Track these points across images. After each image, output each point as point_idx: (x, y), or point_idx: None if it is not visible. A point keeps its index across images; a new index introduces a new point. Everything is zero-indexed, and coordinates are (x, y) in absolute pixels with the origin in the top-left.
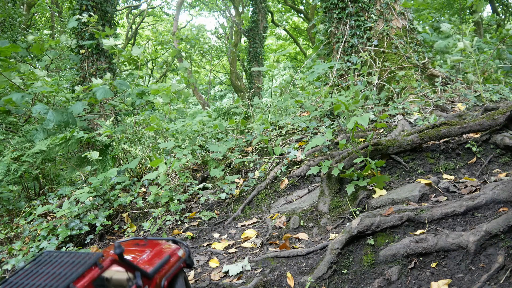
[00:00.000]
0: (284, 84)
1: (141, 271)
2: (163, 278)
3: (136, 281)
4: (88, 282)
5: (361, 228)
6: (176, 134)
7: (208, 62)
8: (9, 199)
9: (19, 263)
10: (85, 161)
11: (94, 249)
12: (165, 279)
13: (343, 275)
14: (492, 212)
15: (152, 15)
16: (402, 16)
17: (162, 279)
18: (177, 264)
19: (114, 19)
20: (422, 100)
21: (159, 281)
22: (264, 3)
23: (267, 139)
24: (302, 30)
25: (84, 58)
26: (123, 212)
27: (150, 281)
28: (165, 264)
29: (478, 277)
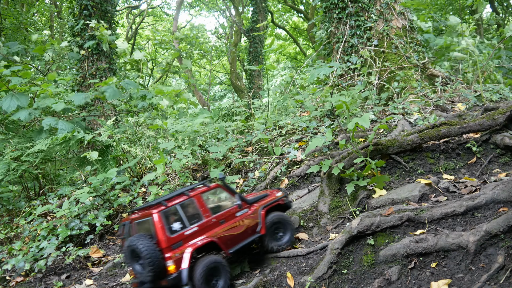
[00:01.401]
0: (284, 84)
1: (239, 194)
2: (261, 207)
3: (236, 202)
4: (197, 193)
5: (361, 228)
6: (176, 134)
7: (208, 62)
8: (9, 199)
9: (19, 263)
10: (85, 161)
11: (94, 249)
12: (262, 208)
13: (343, 275)
14: (492, 212)
15: (152, 15)
16: (402, 16)
17: (260, 207)
18: (273, 200)
19: (114, 19)
20: (422, 100)
21: (257, 208)
22: (264, 3)
23: (267, 139)
24: (302, 30)
25: (84, 58)
26: (123, 212)
27: (250, 206)
28: (263, 198)
29: (478, 277)
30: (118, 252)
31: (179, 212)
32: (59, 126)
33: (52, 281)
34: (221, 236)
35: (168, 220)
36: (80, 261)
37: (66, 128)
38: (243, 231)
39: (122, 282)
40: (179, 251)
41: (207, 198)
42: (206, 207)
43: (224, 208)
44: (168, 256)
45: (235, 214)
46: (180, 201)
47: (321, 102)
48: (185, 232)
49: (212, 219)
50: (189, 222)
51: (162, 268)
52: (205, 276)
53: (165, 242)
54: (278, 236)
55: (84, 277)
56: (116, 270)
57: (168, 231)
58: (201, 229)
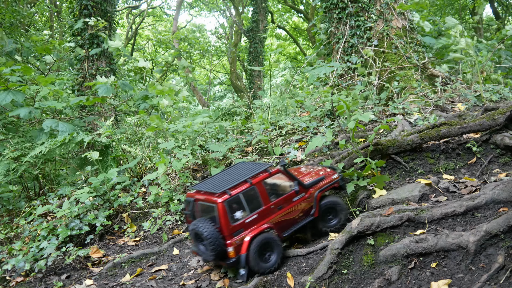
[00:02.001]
0: (284, 84)
1: (298, 180)
2: (317, 190)
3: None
4: (258, 180)
5: (361, 228)
6: (176, 134)
7: (208, 62)
8: (9, 199)
9: (19, 263)
10: (85, 162)
11: (94, 249)
12: (318, 191)
13: (343, 275)
14: (492, 212)
15: (152, 15)
16: (402, 16)
17: (316, 191)
18: (329, 183)
19: (114, 19)
20: (422, 100)
21: (313, 192)
22: (264, 3)
23: (267, 139)
24: (302, 30)
25: (84, 58)
26: (123, 212)
27: (306, 190)
28: (319, 182)
29: (478, 277)
30: (118, 252)
31: (241, 200)
32: (60, 128)
33: (52, 281)
34: (277, 221)
35: (231, 209)
36: (80, 261)
37: (67, 130)
38: (298, 215)
39: (122, 282)
40: (239, 238)
41: (267, 184)
42: (266, 194)
43: (283, 193)
44: (229, 243)
45: (293, 199)
46: (243, 189)
47: (321, 102)
48: (246, 220)
49: (271, 205)
50: (250, 209)
51: (223, 252)
52: (257, 251)
53: (227, 230)
54: (328, 219)
55: (84, 277)
56: (116, 270)
57: (231, 220)
58: (260, 216)
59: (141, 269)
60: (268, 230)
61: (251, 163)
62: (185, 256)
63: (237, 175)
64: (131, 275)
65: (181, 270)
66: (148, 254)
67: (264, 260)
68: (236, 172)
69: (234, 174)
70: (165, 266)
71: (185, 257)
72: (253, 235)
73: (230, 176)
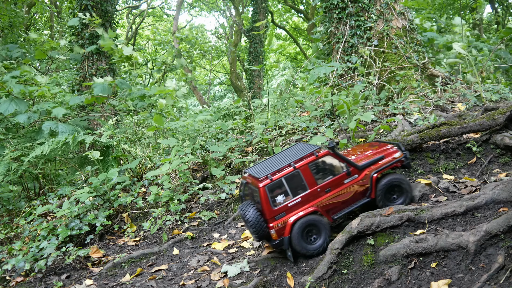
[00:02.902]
0: (284, 84)
1: (349, 161)
2: (373, 171)
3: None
4: (304, 164)
5: (361, 228)
6: (177, 133)
7: (208, 62)
8: (9, 199)
9: (19, 263)
10: (86, 161)
11: (94, 249)
12: (375, 172)
13: (343, 275)
14: (492, 212)
15: (152, 15)
16: (402, 16)
17: (372, 171)
18: (389, 163)
19: (114, 19)
20: (422, 100)
21: (369, 173)
22: (264, 3)
23: (267, 139)
24: (302, 30)
25: (84, 58)
26: (123, 212)
27: (360, 171)
28: (377, 161)
29: (478, 277)
30: (118, 252)
31: (284, 184)
32: (60, 129)
33: (52, 281)
34: (324, 204)
35: (273, 193)
36: (80, 261)
37: (66, 131)
38: (350, 197)
39: (122, 282)
40: (281, 221)
41: (314, 167)
42: (312, 177)
43: (332, 176)
44: (271, 226)
45: (343, 181)
46: (285, 173)
47: (321, 102)
48: (288, 203)
49: (317, 188)
50: (293, 193)
51: (267, 234)
52: (301, 233)
53: (268, 214)
54: (392, 198)
55: (84, 277)
56: (116, 270)
57: (272, 204)
58: (304, 200)
59: (141, 269)
60: (312, 213)
61: (305, 145)
62: (185, 256)
63: (286, 158)
64: (131, 275)
65: (181, 270)
66: (148, 254)
67: (310, 243)
68: (288, 154)
69: (284, 157)
70: (165, 266)
71: (185, 257)
72: (295, 218)
73: (280, 159)
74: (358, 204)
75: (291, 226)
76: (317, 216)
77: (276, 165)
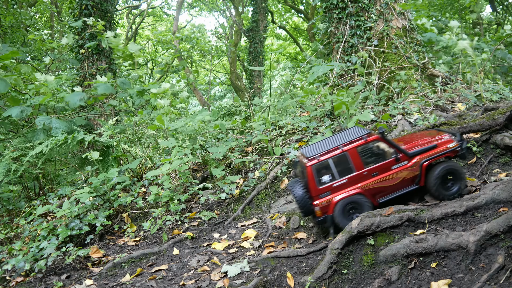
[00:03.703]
0: (284, 84)
1: (398, 148)
2: (423, 159)
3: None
4: (352, 147)
5: (361, 228)
6: (176, 133)
7: (208, 62)
8: (9, 199)
9: (19, 263)
10: (86, 162)
11: (94, 249)
12: (425, 160)
13: (343, 275)
14: (492, 212)
15: (152, 15)
16: (402, 16)
17: (422, 159)
18: (441, 152)
19: (114, 19)
20: (422, 100)
21: (419, 160)
22: (264, 3)
23: (267, 139)
24: (302, 30)
25: (84, 58)
26: (123, 212)
27: (410, 158)
28: (429, 150)
29: (478, 277)
30: (118, 252)
31: (330, 165)
32: (53, 124)
33: (52, 281)
34: (370, 188)
35: (319, 173)
36: (80, 261)
37: (60, 127)
38: (398, 183)
39: (122, 282)
40: (326, 200)
41: (362, 150)
42: (359, 160)
43: (380, 160)
44: (315, 203)
45: (391, 167)
46: (333, 155)
47: (321, 102)
48: (333, 184)
49: (364, 171)
50: (339, 174)
51: (311, 211)
52: (344, 211)
53: (314, 192)
54: (448, 186)
55: (84, 277)
56: (116, 270)
57: (318, 183)
58: (350, 181)
59: (141, 269)
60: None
61: (359, 128)
62: (185, 256)
63: (338, 140)
64: (131, 275)
65: (181, 270)
66: (148, 254)
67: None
68: (341, 137)
69: (337, 139)
70: (165, 266)
71: (185, 257)
72: (339, 198)
73: (333, 141)
74: (406, 191)
75: (335, 205)
76: (361, 196)
77: (327, 147)
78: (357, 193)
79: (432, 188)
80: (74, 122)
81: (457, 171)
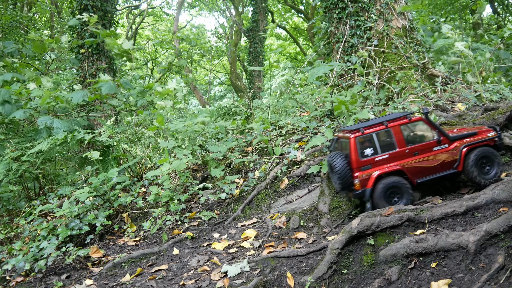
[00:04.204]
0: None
1: (440, 130)
2: (463, 144)
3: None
4: (396, 124)
5: (361, 228)
6: (176, 134)
7: (208, 62)
8: (9, 199)
9: (19, 263)
10: (86, 161)
11: (94, 249)
12: (464, 146)
13: (343, 275)
14: (492, 212)
15: (152, 15)
16: (402, 16)
17: (462, 144)
18: (481, 139)
19: (114, 19)
20: (422, 100)
21: (459, 145)
22: (264, 3)
23: (267, 139)
24: (302, 30)
25: (84, 58)
26: (123, 212)
27: (450, 142)
28: (469, 136)
29: (478, 277)
30: (118, 252)
31: (373, 139)
32: (55, 125)
33: (52, 281)
34: (410, 166)
35: (362, 145)
36: (80, 261)
37: (61, 127)
38: (437, 165)
39: (122, 282)
40: (366, 173)
41: (405, 129)
42: (402, 138)
43: (421, 141)
44: (356, 175)
45: (432, 148)
46: (376, 130)
47: (321, 102)
48: (375, 158)
49: (406, 149)
50: (381, 149)
51: (350, 183)
52: (384, 193)
53: (355, 163)
54: (486, 170)
55: (84, 277)
56: (116, 270)
57: (360, 155)
58: (391, 157)
59: (141, 269)
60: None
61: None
62: (185, 256)
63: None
64: (131, 275)
65: (181, 270)
66: (148, 254)
67: (393, 204)
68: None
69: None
70: (165, 266)
71: (185, 257)
72: (380, 173)
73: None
74: (443, 174)
75: (375, 179)
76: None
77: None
78: (397, 169)
79: (470, 173)
80: (75, 123)
81: (494, 155)
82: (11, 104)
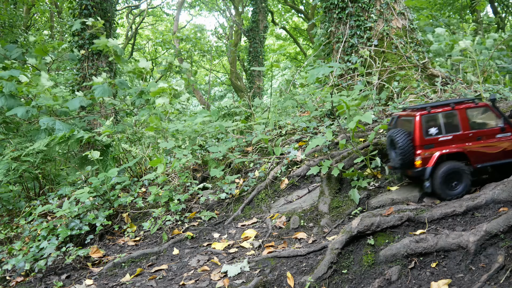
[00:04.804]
0: (284, 84)
1: (505, 117)
2: None
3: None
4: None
5: (361, 228)
6: (176, 134)
7: (208, 62)
8: (9, 199)
9: (19, 263)
10: (85, 161)
11: (94, 249)
12: None
13: (343, 275)
14: (492, 212)
15: (152, 15)
16: (402, 16)
17: None
18: None
19: (114, 19)
20: (422, 100)
21: None
22: (264, 3)
23: (267, 139)
24: (302, 30)
25: (84, 58)
26: (123, 212)
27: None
28: None
29: (478, 277)
30: (118, 252)
31: (439, 119)
32: (56, 126)
33: (52, 281)
34: (473, 150)
35: (427, 124)
36: (80, 261)
37: (63, 129)
38: (499, 152)
39: (122, 282)
40: (429, 152)
41: (471, 113)
42: (467, 122)
43: (485, 127)
44: (418, 153)
45: (495, 135)
46: (443, 110)
47: (321, 102)
48: (439, 138)
49: (469, 133)
50: (445, 130)
51: (411, 161)
52: (444, 177)
53: (418, 141)
54: None
55: (84, 277)
56: (116, 270)
57: (424, 133)
58: (454, 139)
59: (141, 269)
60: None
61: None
62: (185, 256)
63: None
64: (131, 275)
65: (181, 270)
66: (148, 254)
67: (450, 188)
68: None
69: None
70: (165, 266)
71: (185, 257)
72: (441, 153)
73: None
74: (503, 161)
75: (437, 158)
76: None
77: None
78: (459, 152)
79: None
80: (76, 125)
81: None
82: (15, 98)
